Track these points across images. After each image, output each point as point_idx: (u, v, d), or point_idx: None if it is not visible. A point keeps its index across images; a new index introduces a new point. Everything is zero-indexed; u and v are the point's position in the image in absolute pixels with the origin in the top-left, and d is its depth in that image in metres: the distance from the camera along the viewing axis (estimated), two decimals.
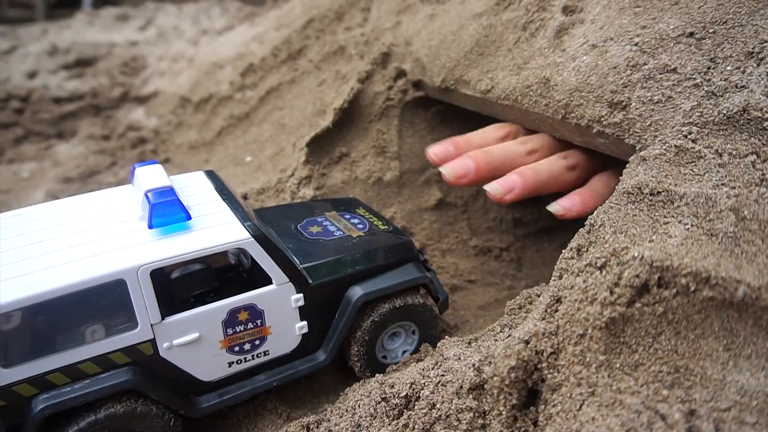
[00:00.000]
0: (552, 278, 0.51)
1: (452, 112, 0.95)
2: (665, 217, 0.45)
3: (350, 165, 0.93)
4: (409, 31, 0.99)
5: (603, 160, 0.71)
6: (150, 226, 0.49)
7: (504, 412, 0.43)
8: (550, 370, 0.43)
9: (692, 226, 0.42)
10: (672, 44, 0.57)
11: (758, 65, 0.49)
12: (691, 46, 0.55)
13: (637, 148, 0.56)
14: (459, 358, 0.53)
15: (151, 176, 0.55)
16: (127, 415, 0.48)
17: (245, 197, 0.92)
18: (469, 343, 0.58)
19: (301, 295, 0.55)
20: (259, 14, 1.71)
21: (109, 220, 0.52)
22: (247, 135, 1.18)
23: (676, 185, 0.46)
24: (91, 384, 0.47)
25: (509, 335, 0.51)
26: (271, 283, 0.54)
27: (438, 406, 0.48)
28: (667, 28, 0.58)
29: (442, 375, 0.51)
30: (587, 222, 0.52)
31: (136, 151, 1.34)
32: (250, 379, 0.56)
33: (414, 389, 0.51)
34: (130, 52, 1.85)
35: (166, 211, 0.49)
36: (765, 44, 0.50)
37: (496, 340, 0.53)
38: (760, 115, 0.46)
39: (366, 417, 0.52)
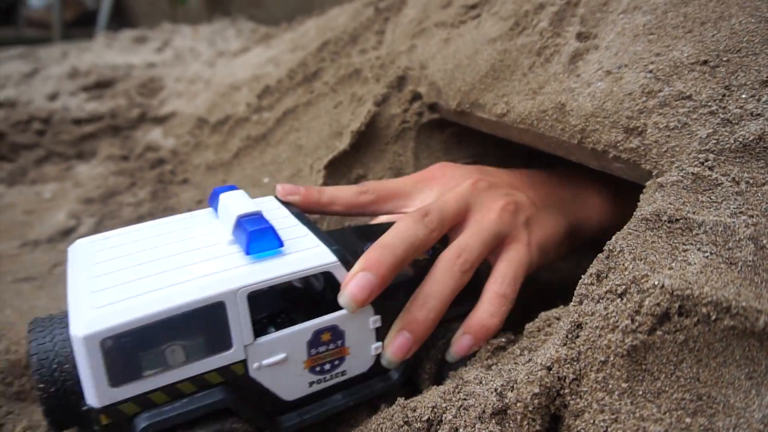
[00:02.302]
0: (572, 303, 0.51)
1: (467, 133, 0.97)
2: (684, 244, 0.45)
3: None
4: (425, 54, 1.01)
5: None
6: (247, 253, 0.51)
7: None
8: (573, 397, 0.43)
9: (711, 254, 0.43)
10: (686, 72, 0.58)
11: None
12: (705, 74, 0.56)
13: (653, 174, 0.57)
14: (480, 382, 0.53)
15: (238, 202, 0.57)
16: None
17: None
18: (490, 367, 0.59)
19: (379, 316, 0.57)
20: (274, 36, 1.75)
21: (200, 244, 0.54)
22: (264, 156, 1.21)
23: (694, 213, 0.47)
24: (189, 403, 0.48)
25: (530, 359, 0.52)
26: None
27: (461, 430, 0.49)
28: (681, 56, 0.59)
29: (464, 399, 0.52)
30: (606, 247, 0.52)
31: (155, 172, 1.37)
32: (329, 399, 0.57)
33: (436, 413, 0.52)
34: (148, 74, 1.89)
35: (262, 237, 0.51)
36: None
37: (516, 364, 0.54)
38: None
39: None
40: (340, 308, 0.54)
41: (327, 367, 0.56)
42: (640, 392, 0.40)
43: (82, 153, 1.59)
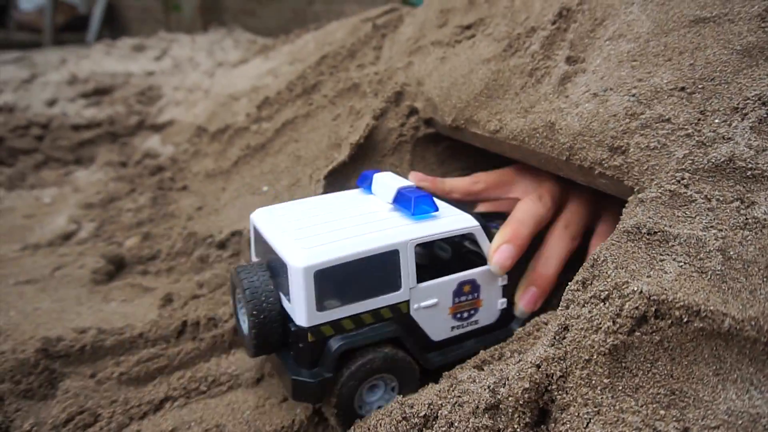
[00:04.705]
0: (559, 308, 0.56)
1: (461, 148, 1.01)
2: (661, 255, 0.50)
3: None
4: (421, 71, 1.06)
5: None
6: (413, 214, 0.64)
7: (518, 430, 0.48)
8: (560, 392, 0.47)
9: (685, 263, 0.48)
10: (666, 96, 0.63)
11: (742, 119, 0.55)
12: (683, 99, 0.61)
13: (635, 190, 0.62)
14: (474, 381, 0.57)
15: (393, 179, 0.71)
16: (388, 359, 0.61)
17: None
18: (482, 368, 0.63)
19: (507, 275, 0.69)
20: (273, 48, 1.80)
21: (365, 211, 0.67)
22: (263, 165, 1.24)
23: (670, 226, 0.52)
24: (369, 331, 0.61)
25: (520, 360, 0.56)
26: (486, 263, 0.68)
27: (456, 424, 0.52)
28: (661, 82, 0.64)
29: (459, 396, 0.55)
30: (591, 257, 0.57)
31: (154, 179, 1.40)
32: (464, 343, 0.69)
33: (432, 409, 0.56)
34: (146, 82, 1.92)
35: (424, 202, 0.65)
36: (748, 101, 0.56)
37: (507, 365, 0.58)
38: (744, 165, 0.52)
39: None
40: (479, 265, 0.67)
41: (465, 315, 0.68)
42: (620, 387, 0.44)
43: (80, 159, 1.62)
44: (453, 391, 0.57)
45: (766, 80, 0.56)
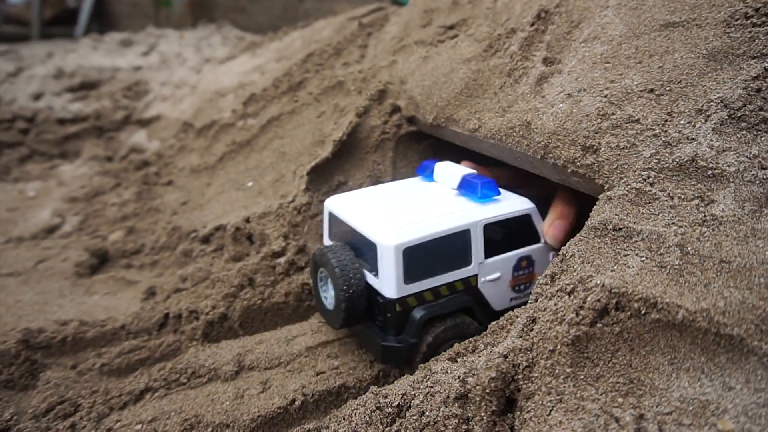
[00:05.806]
0: (529, 301, 0.58)
1: (442, 145, 1.03)
2: (625, 250, 0.52)
3: None
4: (404, 70, 1.07)
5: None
6: (480, 197, 0.73)
7: (485, 418, 0.50)
8: (525, 381, 0.49)
9: (646, 258, 0.49)
10: (636, 98, 0.65)
11: (705, 121, 0.57)
12: (651, 101, 0.63)
13: (605, 188, 0.64)
14: (446, 372, 0.59)
15: (454, 168, 0.79)
16: (462, 326, 0.69)
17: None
18: (455, 360, 0.65)
19: (556, 252, 0.71)
20: (260, 45, 1.80)
21: (433, 196, 0.76)
22: (248, 161, 1.25)
23: (634, 223, 0.53)
24: (446, 302, 0.69)
25: (490, 351, 0.58)
26: (540, 241, 0.76)
27: (427, 413, 0.54)
28: (632, 84, 0.66)
29: (431, 386, 0.57)
30: (561, 252, 0.59)
31: (139, 173, 1.40)
32: None
33: (405, 399, 0.58)
34: (134, 77, 1.92)
35: (489, 187, 0.74)
36: (711, 103, 0.58)
37: (479, 357, 0.60)
38: (706, 164, 0.54)
39: (362, 424, 0.58)
40: (533, 243, 0.75)
41: (522, 287, 0.76)
42: (582, 376, 0.46)
43: (65, 153, 1.62)
44: (426, 381, 0.59)
45: (729, 83, 0.59)
